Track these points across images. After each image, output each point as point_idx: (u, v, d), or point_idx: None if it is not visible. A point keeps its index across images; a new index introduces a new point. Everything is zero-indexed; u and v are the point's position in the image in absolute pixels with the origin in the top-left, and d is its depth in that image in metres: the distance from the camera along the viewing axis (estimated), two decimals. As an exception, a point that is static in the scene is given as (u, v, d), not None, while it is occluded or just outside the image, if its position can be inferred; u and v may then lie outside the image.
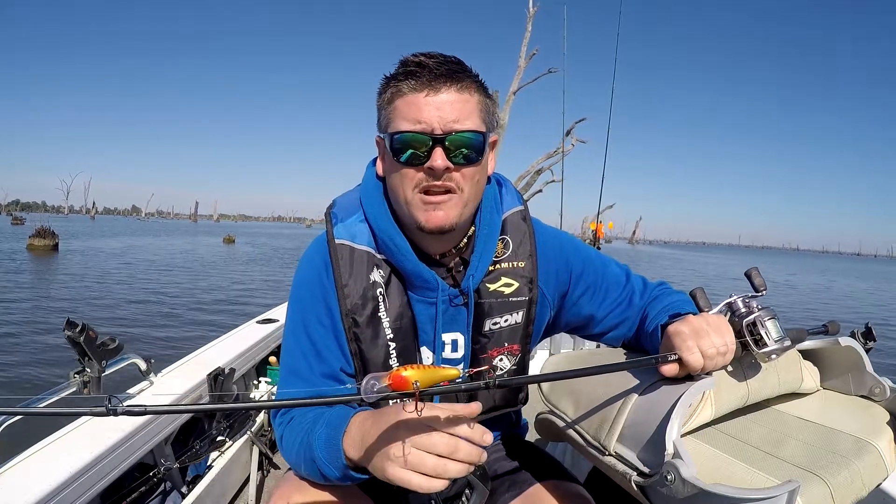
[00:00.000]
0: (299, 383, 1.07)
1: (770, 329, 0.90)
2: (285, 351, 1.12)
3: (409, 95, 0.98)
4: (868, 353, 0.99)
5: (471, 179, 1.02)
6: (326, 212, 1.13)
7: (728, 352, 0.91)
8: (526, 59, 16.12)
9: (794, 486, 0.70)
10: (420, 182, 0.99)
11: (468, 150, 0.99)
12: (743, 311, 0.93)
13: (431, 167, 0.97)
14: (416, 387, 0.70)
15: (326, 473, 0.95)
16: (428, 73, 0.97)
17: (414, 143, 0.97)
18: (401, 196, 1.02)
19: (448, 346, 1.12)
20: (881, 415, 0.95)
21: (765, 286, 0.96)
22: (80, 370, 1.55)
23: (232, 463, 2.09)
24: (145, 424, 1.63)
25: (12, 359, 6.96)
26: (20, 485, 1.25)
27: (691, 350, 0.89)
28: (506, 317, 1.13)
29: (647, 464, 0.84)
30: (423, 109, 0.97)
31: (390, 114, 1.01)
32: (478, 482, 1.06)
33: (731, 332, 0.92)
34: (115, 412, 0.61)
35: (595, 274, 1.21)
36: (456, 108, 0.98)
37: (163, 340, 8.25)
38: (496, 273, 1.11)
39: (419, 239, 1.08)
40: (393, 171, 1.03)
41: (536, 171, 16.56)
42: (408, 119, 0.97)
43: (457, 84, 0.98)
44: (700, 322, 0.92)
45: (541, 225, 1.21)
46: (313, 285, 1.08)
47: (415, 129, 0.97)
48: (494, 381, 0.74)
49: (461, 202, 1.02)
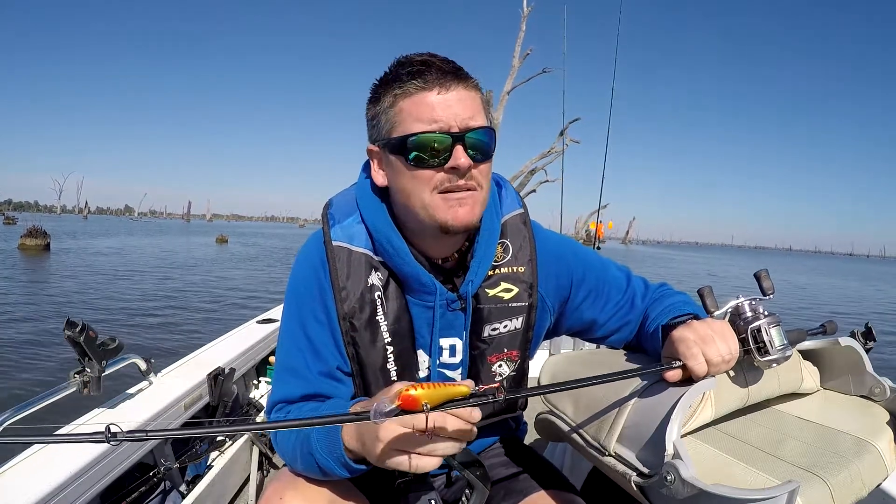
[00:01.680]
0: (296, 381, 1.06)
1: (774, 337, 0.90)
2: (281, 348, 1.10)
3: (416, 95, 0.94)
4: (868, 353, 1.00)
5: (487, 176, 1.00)
6: (323, 212, 1.11)
7: (732, 359, 0.90)
8: (520, 60, 16.09)
9: (794, 486, 0.70)
10: (441, 183, 0.96)
11: (485, 147, 0.97)
12: (749, 315, 0.93)
13: (455, 167, 0.94)
14: (425, 408, 0.70)
15: (324, 466, 0.93)
16: (436, 72, 0.94)
17: (432, 144, 0.94)
18: (416, 201, 0.98)
19: (446, 350, 1.11)
20: (881, 415, 0.95)
21: (773, 290, 0.96)
22: (80, 370, 1.55)
23: (232, 463, 2.09)
24: (145, 424, 1.63)
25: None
26: (20, 485, 1.25)
27: (696, 358, 0.89)
28: (505, 322, 1.11)
29: (647, 464, 0.84)
30: (437, 108, 0.94)
31: (395, 117, 0.97)
32: (478, 482, 1.06)
33: (735, 339, 0.91)
34: (115, 438, 0.60)
35: (596, 278, 1.20)
36: (468, 105, 0.95)
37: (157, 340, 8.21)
38: (495, 278, 1.10)
39: (420, 242, 1.06)
40: (403, 175, 0.98)
41: (530, 172, 16.55)
42: (421, 119, 0.94)
43: (464, 82, 0.96)
44: (705, 329, 0.91)
45: (541, 229, 1.20)
46: (310, 283, 1.07)
47: (432, 129, 0.93)
48: (504, 398, 0.73)
49: (482, 198, 1.00)
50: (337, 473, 0.94)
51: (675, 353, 0.91)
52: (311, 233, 1.14)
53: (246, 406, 2.44)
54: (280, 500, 0.98)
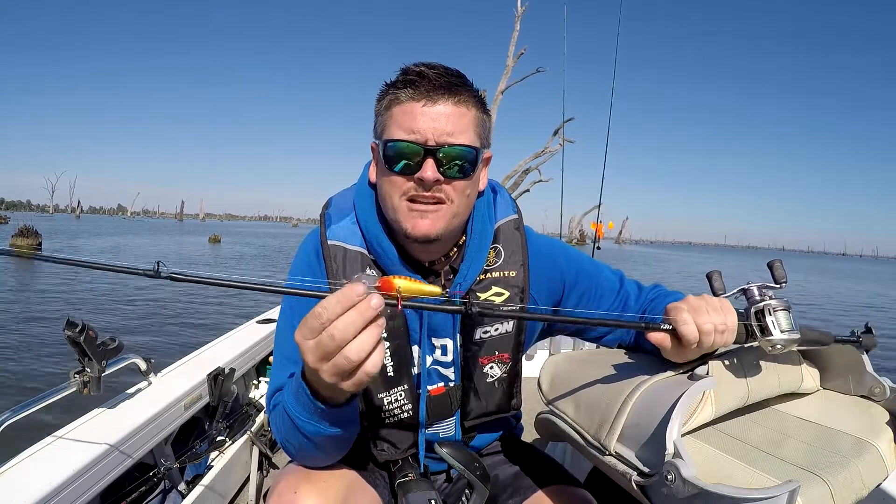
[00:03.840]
0: (296, 368, 1.06)
1: (780, 319, 0.89)
2: (280, 338, 1.12)
3: (406, 104, 0.98)
4: (867, 354, 1.00)
5: (461, 192, 1.02)
6: (322, 211, 1.14)
7: (727, 331, 0.90)
8: (514, 59, 16.08)
9: (795, 486, 0.71)
10: (409, 191, 1.00)
11: (461, 164, 0.99)
12: (757, 298, 0.92)
13: (421, 178, 0.97)
14: (398, 293, 0.74)
15: (304, 429, 0.91)
16: (427, 84, 0.97)
17: (406, 153, 0.98)
18: (389, 203, 1.03)
19: (438, 350, 1.13)
20: (881, 415, 0.95)
21: (785, 279, 0.95)
22: (80, 370, 1.55)
23: (232, 463, 2.09)
24: (145, 424, 1.63)
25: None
26: (20, 485, 1.25)
27: (686, 322, 0.88)
28: (496, 325, 1.13)
29: (648, 463, 0.84)
30: (419, 119, 0.97)
31: (386, 120, 1.01)
32: (478, 482, 1.07)
33: (734, 313, 0.91)
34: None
35: (588, 281, 1.22)
36: (451, 120, 0.98)
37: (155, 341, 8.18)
38: (487, 282, 1.12)
39: (408, 245, 1.08)
40: (383, 177, 1.03)
41: (524, 171, 16.57)
42: (402, 127, 0.98)
43: (454, 97, 0.98)
44: (699, 301, 0.92)
45: (534, 234, 1.22)
46: (307, 276, 1.10)
47: (408, 139, 0.97)
48: (470, 306, 0.76)
49: (449, 213, 1.02)
50: (317, 429, 0.91)
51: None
52: (310, 230, 1.17)
53: (246, 406, 2.44)
54: (294, 493, 0.99)
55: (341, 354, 0.73)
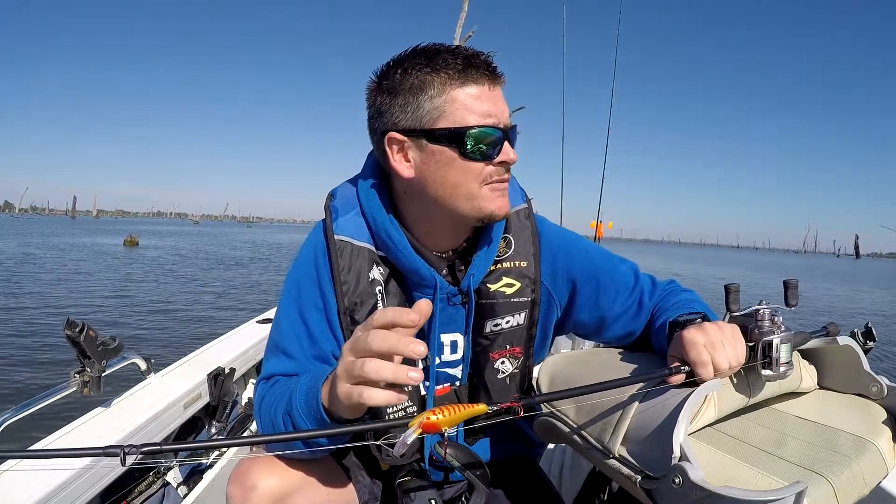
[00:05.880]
0: (289, 361, 1.05)
1: (782, 354, 0.89)
2: (276, 328, 1.09)
3: (471, 87, 0.95)
4: (867, 354, 1.00)
5: None
6: (326, 204, 1.11)
7: (738, 366, 0.89)
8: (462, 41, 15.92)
9: (802, 486, 0.70)
10: (490, 175, 0.99)
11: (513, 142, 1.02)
12: (766, 325, 0.91)
13: (506, 161, 0.99)
14: (444, 433, 0.72)
15: (299, 424, 0.90)
16: (486, 67, 0.96)
17: (489, 138, 0.96)
18: (463, 192, 0.99)
19: (447, 347, 1.11)
20: (879, 413, 0.95)
21: (797, 302, 0.95)
22: (80, 370, 1.55)
23: (231, 463, 2.08)
24: (145, 424, 1.63)
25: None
26: (20, 485, 1.24)
27: (705, 365, 0.87)
28: (507, 318, 1.11)
29: (653, 466, 0.83)
30: (491, 103, 0.97)
31: (444, 106, 0.95)
32: (478, 482, 1.06)
33: (744, 345, 0.90)
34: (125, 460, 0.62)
35: (603, 275, 1.16)
36: (505, 102, 1.00)
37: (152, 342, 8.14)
38: (498, 272, 1.09)
39: (425, 235, 1.07)
40: (451, 167, 0.98)
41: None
42: (475, 112, 0.95)
43: (501, 79, 1.00)
44: (716, 333, 0.89)
45: (545, 223, 1.18)
46: (312, 274, 1.07)
47: (488, 124, 0.96)
48: (520, 408, 0.73)
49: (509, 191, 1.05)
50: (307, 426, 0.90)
51: (683, 355, 0.90)
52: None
53: (245, 406, 2.44)
54: (253, 485, 0.94)
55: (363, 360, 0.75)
